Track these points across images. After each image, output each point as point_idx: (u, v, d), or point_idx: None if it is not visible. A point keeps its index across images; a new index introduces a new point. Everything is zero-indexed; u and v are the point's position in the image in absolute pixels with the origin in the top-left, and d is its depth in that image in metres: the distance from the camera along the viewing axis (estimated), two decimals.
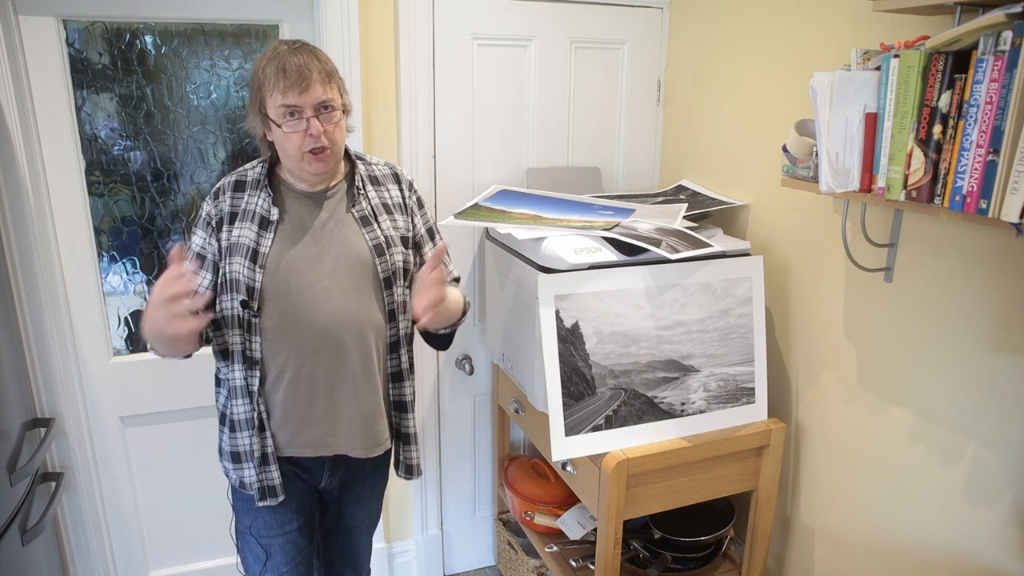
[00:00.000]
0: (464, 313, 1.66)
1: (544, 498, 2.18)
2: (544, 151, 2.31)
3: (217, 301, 1.49)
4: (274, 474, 1.52)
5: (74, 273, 1.99)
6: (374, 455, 1.57)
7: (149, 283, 2.11)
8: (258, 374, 1.47)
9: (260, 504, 1.53)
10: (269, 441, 1.50)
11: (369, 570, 1.86)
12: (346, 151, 1.55)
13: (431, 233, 1.65)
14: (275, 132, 1.40)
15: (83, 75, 1.90)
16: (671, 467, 1.74)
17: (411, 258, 1.58)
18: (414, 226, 1.61)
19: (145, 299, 2.11)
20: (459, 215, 1.93)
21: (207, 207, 1.49)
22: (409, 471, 1.66)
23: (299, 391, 1.49)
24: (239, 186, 1.49)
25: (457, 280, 1.72)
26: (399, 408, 1.62)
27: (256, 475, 1.51)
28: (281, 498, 1.53)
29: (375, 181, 1.57)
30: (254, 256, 1.43)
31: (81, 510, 2.09)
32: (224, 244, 1.46)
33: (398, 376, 1.60)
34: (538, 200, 2.06)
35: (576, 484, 1.83)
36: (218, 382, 1.55)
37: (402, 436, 1.64)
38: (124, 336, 2.11)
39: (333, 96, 1.40)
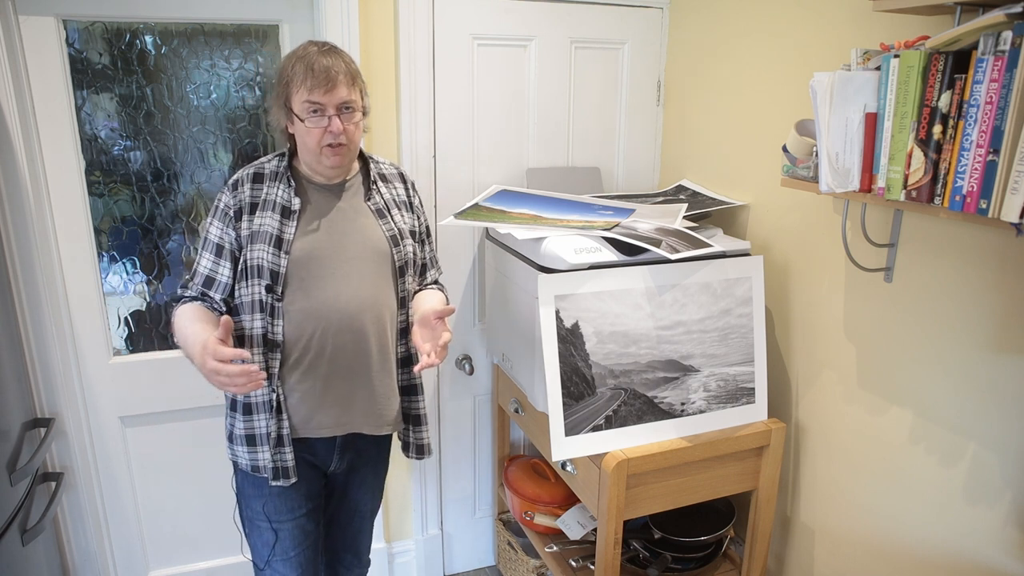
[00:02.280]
0: None
1: (544, 498, 2.18)
2: (544, 151, 2.31)
3: (235, 288, 1.54)
4: (288, 456, 1.55)
5: (74, 273, 1.99)
6: (384, 432, 1.64)
7: (149, 283, 2.11)
8: (279, 356, 1.52)
9: (273, 483, 1.56)
10: (285, 423, 1.55)
11: (369, 560, 1.89)
12: (360, 150, 1.63)
13: (428, 231, 1.76)
14: (297, 126, 1.48)
15: (83, 75, 1.90)
16: (671, 467, 1.74)
17: (418, 251, 1.68)
18: (419, 224, 1.70)
19: (145, 299, 2.11)
20: (459, 215, 1.93)
21: (224, 198, 1.54)
22: (420, 451, 1.72)
23: (318, 372, 1.54)
24: (258, 178, 1.55)
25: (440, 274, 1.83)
26: (409, 392, 1.69)
27: (271, 456, 1.55)
28: (294, 479, 1.57)
29: (384, 179, 1.66)
30: (278, 243, 1.49)
31: (81, 510, 2.09)
32: (245, 233, 1.51)
33: (407, 361, 1.67)
34: (538, 200, 2.06)
35: (576, 484, 1.83)
36: None
37: (412, 418, 1.71)
38: (124, 336, 2.11)
39: (355, 98, 1.48)
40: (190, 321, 1.45)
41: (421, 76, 2.10)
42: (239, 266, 1.53)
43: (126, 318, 2.10)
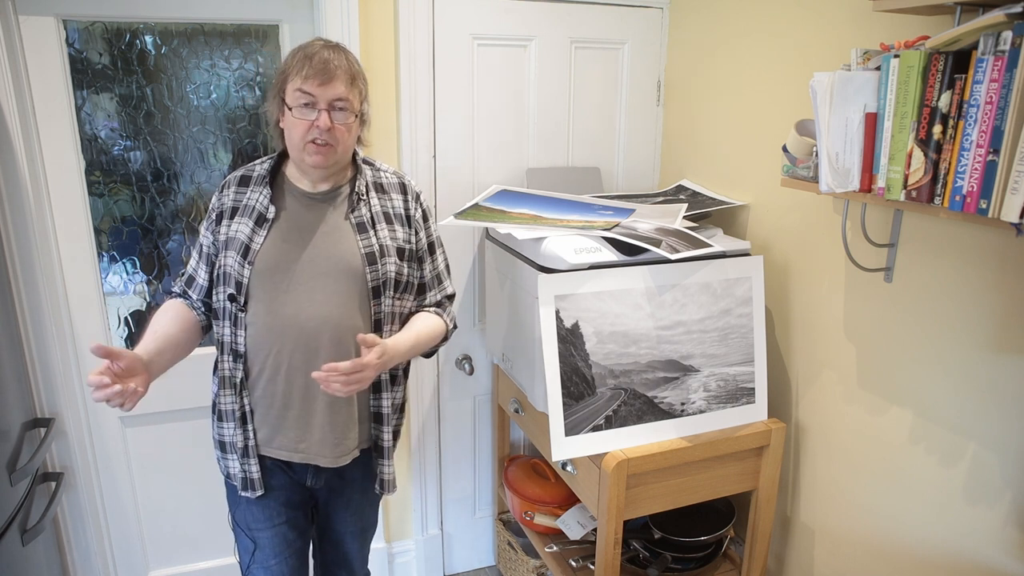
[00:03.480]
0: (446, 339, 1.65)
1: (544, 498, 2.18)
2: (544, 151, 2.31)
3: (213, 293, 1.53)
4: (253, 467, 1.53)
5: (74, 273, 1.99)
6: (342, 464, 1.56)
7: (149, 283, 2.11)
8: (242, 368, 1.49)
9: (241, 494, 1.55)
10: (251, 435, 1.52)
11: (367, 573, 1.84)
12: (355, 156, 1.55)
13: (432, 248, 1.63)
14: (286, 117, 1.42)
15: (83, 75, 1.90)
16: (671, 467, 1.74)
17: (405, 270, 1.55)
18: (417, 239, 1.59)
19: (145, 299, 2.11)
20: (459, 215, 1.93)
21: (213, 200, 1.54)
22: (382, 486, 1.63)
23: (277, 390, 1.50)
24: (244, 181, 1.52)
25: (451, 298, 1.69)
26: (376, 420, 1.60)
27: (239, 466, 1.53)
28: (260, 492, 1.54)
29: (380, 188, 1.56)
30: (245, 252, 1.46)
31: (81, 510, 2.09)
32: (222, 238, 1.49)
33: (376, 387, 1.58)
34: (538, 200, 2.06)
35: (576, 484, 1.83)
36: (214, 370, 1.58)
37: (376, 448, 1.61)
38: (124, 336, 2.11)
39: (351, 98, 1.41)
40: (152, 324, 1.45)
41: (421, 76, 2.10)
42: (215, 271, 1.51)
43: (126, 318, 2.10)
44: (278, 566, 1.60)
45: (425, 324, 1.57)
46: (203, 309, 1.55)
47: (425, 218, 1.61)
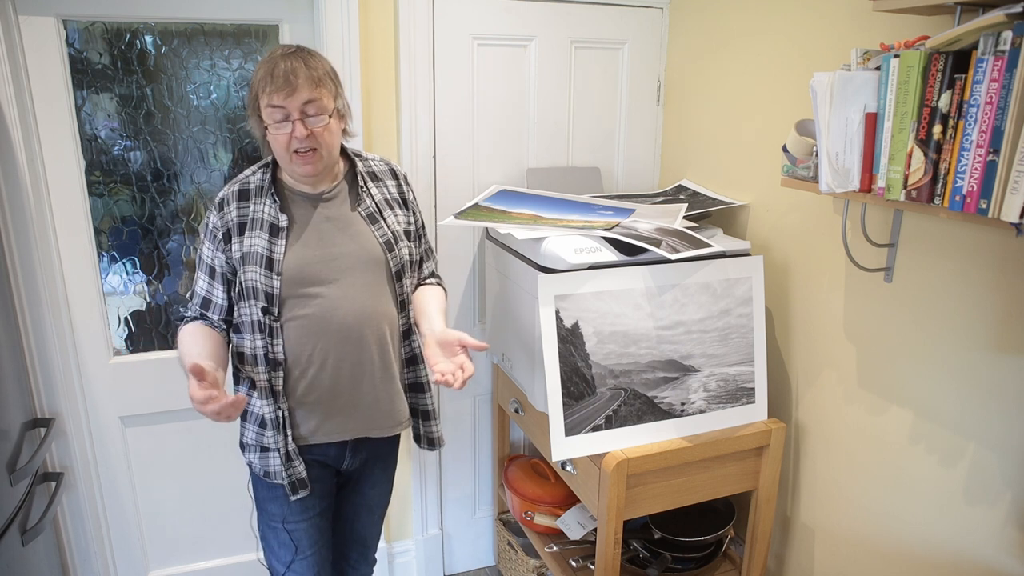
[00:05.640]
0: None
1: (544, 498, 2.18)
2: (544, 151, 2.31)
3: (235, 309, 1.52)
4: (299, 468, 1.56)
5: (74, 273, 1.99)
6: (393, 433, 1.64)
7: (149, 283, 2.11)
8: (282, 374, 1.51)
9: (292, 499, 1.57)
10: (291, 440, 1.54)
11: (375, 560, 1.88)
12: (344, 150, 1.57)
13: (424, 225, 1.72)
14: (269, 132, 1.44)
15: (83, 75, 1.90)
16: (671, 467, 1.74)
17: (414, 249, 1.63)
18: (415, 219, 1.66)
19: (145, 299, 2.11)
20: (459, 215, 1.93)
21: (212, 219, 1.51)
22: (432, 443, 1.72)
23: (323, 384, 1.53)
24: (243, 195, 1.51)
25: (436, 262, 1.78)
26: (416, 389, 1.69)
27: (284, 470, 1.54)
28: (309, 489, 1.58)
29: (374, 177, 1.61)
30: (269, 264, 1.46)
31: (81, 510, 2.09)
32: (237, 254, 1.48)
33: (412, 360, 1.66)
34: (538, 200, 2.06)
35: (576, 484, 1.83)
36: (236, 379, 1.59)
37: (421, 413, 1.70)
38: (124, 336, 2.11)
39: (320, 98, 1.41)
40: (188, 347, 1.45)
41: (421, 76, 2.10)
42: (236, 287, 1.51)
43: (126, 318, 2.10)
44: (314, 556, 1.64)
45: (438, 298, 1.65)
46: (224, 327, 1.55)
47: (415, 196, 1.70)
